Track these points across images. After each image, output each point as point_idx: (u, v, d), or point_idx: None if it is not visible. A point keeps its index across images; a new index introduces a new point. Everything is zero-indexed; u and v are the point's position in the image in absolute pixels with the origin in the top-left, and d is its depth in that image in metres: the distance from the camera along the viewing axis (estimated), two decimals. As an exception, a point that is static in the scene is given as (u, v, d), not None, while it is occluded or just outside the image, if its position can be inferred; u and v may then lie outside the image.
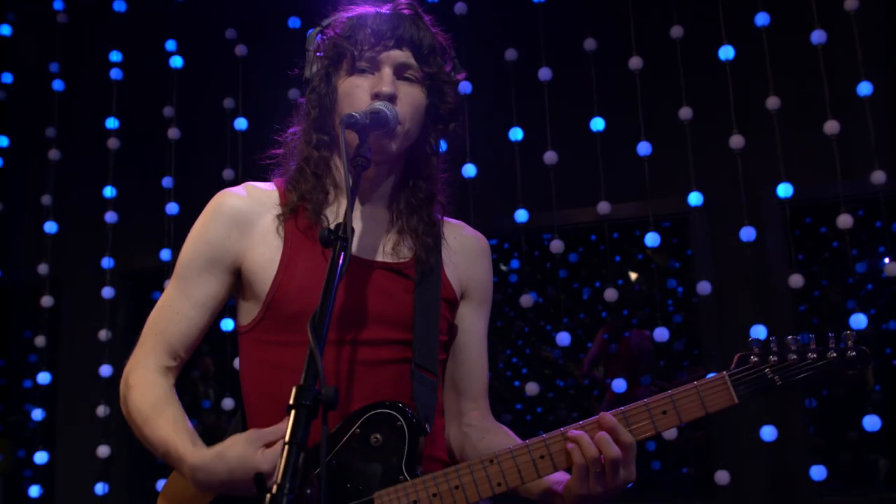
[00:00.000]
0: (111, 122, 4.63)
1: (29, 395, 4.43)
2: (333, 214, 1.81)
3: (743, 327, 3.85)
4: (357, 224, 1.81)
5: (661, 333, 3.84)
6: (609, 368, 6.60)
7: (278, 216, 1.78)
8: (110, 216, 4.58)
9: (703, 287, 3.91)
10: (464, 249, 1.92)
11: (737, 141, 3.82)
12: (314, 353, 1.27)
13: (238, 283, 1.80)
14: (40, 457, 4.41)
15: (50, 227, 4.63)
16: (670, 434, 3.74)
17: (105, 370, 4.42)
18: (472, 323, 1.92)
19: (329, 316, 1.37)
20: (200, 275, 1.78)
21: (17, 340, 5.88)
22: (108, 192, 4.63)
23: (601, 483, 1.57)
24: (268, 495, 1.15)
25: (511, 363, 7.91)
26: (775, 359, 1.56)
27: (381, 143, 1.73)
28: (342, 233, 1.45)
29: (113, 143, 4.60)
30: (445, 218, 1.94)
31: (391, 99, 1.72)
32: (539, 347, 7.92)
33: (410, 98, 1.76)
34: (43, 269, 4.65)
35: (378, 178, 1.84)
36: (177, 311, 1.77)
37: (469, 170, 4.22)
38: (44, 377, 4.49)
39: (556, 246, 4.10)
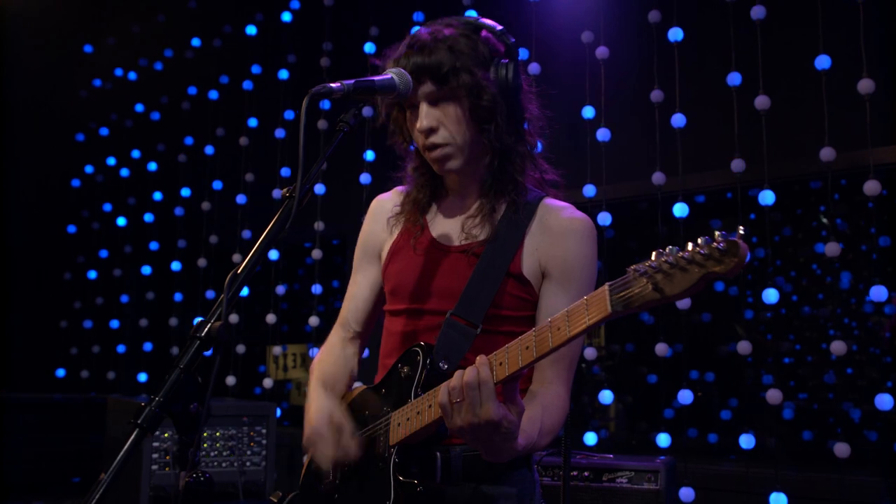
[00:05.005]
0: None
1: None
2: (434, 209, 2.17)
3: None
4: (443, 214, 2.16)
5: None
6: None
7: (398, 215, 2.19)
8: (364, 178, 5.10)
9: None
10: (551, 230, 2.06)
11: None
12: (223, 298, 1.50)
13: None
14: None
15: (319, 188, 5.26)
16: None
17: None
18: (547, 299, 2.05)
19: (251, 265, 1.58)
20: (361, 265, 2.31)
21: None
22: (370, 155, 5.15)
23: (459, 415, 1.66)
24: (142, 404, 1.41)
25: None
26: (652, 265, 1.37)
27: (444, 166, 2.04)
28: (293, 193, 1.67)
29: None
30: (550, 201, 2.12)
31: (433, 130, 1.98)
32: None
33: (449, 118, 1.99)
34: (319, 226, 5.29)
35: (463, 174, 2.10)
36: (351, 294, 2.32)
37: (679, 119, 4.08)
38: (314, 320, 5.15)
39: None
